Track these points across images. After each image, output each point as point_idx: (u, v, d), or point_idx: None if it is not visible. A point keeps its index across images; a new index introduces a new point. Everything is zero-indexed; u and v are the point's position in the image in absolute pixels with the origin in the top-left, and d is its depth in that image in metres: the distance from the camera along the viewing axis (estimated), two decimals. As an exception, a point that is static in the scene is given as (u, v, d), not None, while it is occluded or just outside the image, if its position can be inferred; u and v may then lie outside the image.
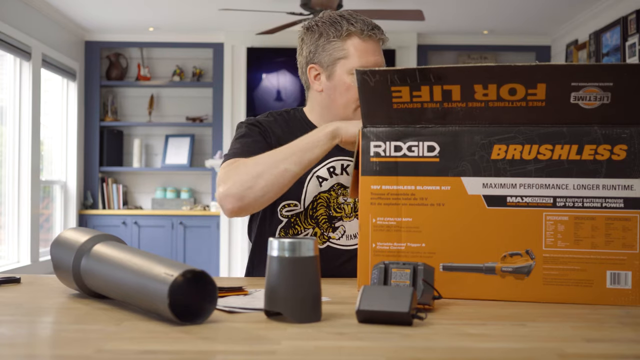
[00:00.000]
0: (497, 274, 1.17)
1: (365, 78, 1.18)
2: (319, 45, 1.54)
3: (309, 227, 1.55)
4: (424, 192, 1.20)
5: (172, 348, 0.84)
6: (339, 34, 1.51)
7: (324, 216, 1.54)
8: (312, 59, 1.56)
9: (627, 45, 4.64)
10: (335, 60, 1.52)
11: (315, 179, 1.55)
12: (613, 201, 1.15)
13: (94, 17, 5.66)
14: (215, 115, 6.20)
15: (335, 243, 1.55)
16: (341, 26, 1.51)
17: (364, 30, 1.51)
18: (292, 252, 0.98)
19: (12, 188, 4.95)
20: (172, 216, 6.04)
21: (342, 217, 1.55)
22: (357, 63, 1.50)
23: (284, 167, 1.37)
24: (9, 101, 4.92)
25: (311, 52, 1.56)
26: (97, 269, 1.09)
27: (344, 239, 1.55)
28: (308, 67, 1.57)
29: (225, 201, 1.39)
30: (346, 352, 0.83)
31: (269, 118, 1.60)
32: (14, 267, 4.85)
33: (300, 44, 1.60)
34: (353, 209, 1.55)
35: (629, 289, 1.14)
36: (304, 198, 1.54)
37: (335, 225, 1.55)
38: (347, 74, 1.51)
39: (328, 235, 1.55)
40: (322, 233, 1.54)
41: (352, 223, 1.55)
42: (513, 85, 1.14)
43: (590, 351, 0.84)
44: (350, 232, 1.55)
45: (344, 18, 1.52)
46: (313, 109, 1.62)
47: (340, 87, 1.53)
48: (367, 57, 1.51)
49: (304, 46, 1.58)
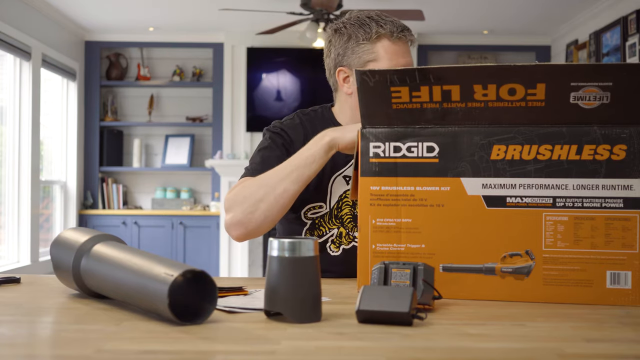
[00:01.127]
0: (497, 275, 1.17)
1: (364, 78, 1.18)
2: (348, 47, 1.52)
3: (334, 227, 1.54)
4: (423, 192, 1.20)
5: (172, 348, 0.84)
6: (368, 37, 1.49)
7: (349, 215, 1.53)
8: (341, 62, 1.54)
9: (627, 45, 4.64)
10: (365, 62, 1.50)
11: (342, 178, 1.54)
12: (613, 201, 1.15)
13: (94, 17, 5.66)
14: (215, 115, 6.20)
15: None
16: (370, 28, 1.49)
17: (393, 32, 1.49)
18: (292, 252, 0.98)
19: (12, 188, 4.95)
20: (172, 216, 6.04)
21: None
22: (387, 65, 1.48)
23: (283, 187, 1.38)
24: (9, 101, 4.92)
25: (340, 54, 1.54)
26: (97, 269, 1.09)
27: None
28: (337, 69, 1.55)
29: (230, 229, 1.41)
30: (346, 352, 0.83)
31: (295, 121, 1.59)
32: (14, 267, 4.85)
33: (327, 46, 1.58)
34: None
35: (629, 289, 1.14)
36: (329, 198, 1.54)
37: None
38: None
39: (353, 235, 1.53)
40: (347, 233, 1.53)
41: None
42: (512, 85, 1.14)
43: (590, 351, 0.84)
44: None
45: (372, 20, 1.50)
46: (342, 111, 1.59)
47: None
48: (397, 59, 1.49)
49: (332, 48, 1.56)
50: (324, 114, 1.60)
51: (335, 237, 1.53)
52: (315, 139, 1.39)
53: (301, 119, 1.59)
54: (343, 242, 1.53)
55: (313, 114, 1.60)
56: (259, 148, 1.55)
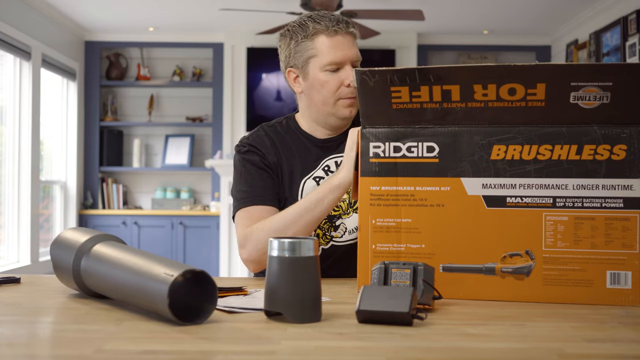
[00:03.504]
0: (497, 275, 1.17)
1: (364, 78, 1.18)
2: (291, 48, 1.59)
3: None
4: (423, 192, 1.20)
5: (172, 348, 0.84)
6: (306, 35, 1.56)
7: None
8: (289, 63, 1.61)
9: (627, 45, 4.64)
10: (307, 59, 1.57)
11: (312, 180, 1.58)
12: (613, 201, 1.15)
13: (94, 17, 5.66)
14: (215, 115, 6.20)
15: (339, 241, 1.57)
16: (308, 27, 1.56)
17: (329, 27, 1.55)
18: (292, 252, 0.98)
19: (12, 188, 4.94)
20: (172, 216, 6.03)
21: (341, 214, 1.57)
22: (326, 59, 1.54)
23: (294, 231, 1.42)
24: (9, 101, 4.92)
25: (287, 56, 1.61)
26: (97, 269, 1.09)
27: (347, 235, 1.57)
28: (287, 71, 1.62)
29: (247, 265, 1.50)
30: (346, 352, 0.83)
31: (260, 133, 1.63)
32: (14, 267, 4.84)
33: (279, 52, 1.66)
34: (349, 205, 1.58)
35: (629, 289, 1.14)
36: None
37: (336, 224, 1.57)
38: (320, 70, 1.55)
39: (331, 235, 1.57)
40: (324, 233, 1.56)
41: (351, 219, 1.57)
42: (512, 85, 1.14)
43: (591, 351, 0.84)
44: (350, 228, 1.57)
45: (310, 18, 1.58)
46: (302, 114, 1.66)
47: (315, 84, 1.56)
48: (335, 52, 1.54)
49: (281, 52, 1.64)
50: (288, 123, 1.66)
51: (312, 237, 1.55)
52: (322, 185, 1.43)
53: (265, 131, 1.64)
54: (321, 242, 1.57)
55: (277, 125, 1.66)
56: (239, 174, 1.59)
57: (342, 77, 1.54)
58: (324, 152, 1.59)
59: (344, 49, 1.55)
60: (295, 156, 1.58)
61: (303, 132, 1.63)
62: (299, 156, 1.59)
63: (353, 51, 1.56)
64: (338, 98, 1.55)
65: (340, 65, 1.54)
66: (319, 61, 1.55)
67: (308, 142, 1.61)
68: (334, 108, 1.56)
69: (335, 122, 1.58)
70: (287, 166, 1.58)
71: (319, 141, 1.61)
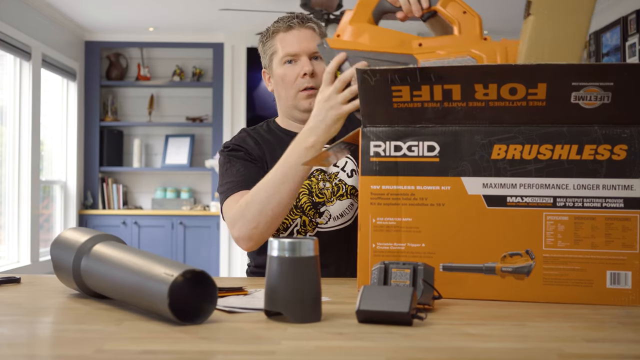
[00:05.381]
0: (497, 274, 1.17)
1: (365, 77, 1.18)
2: (260, 50, 1.71)
3: (296, 217, 1.59)
4: (423, 192, 1.20)
5: (172, 348, 0.84)
6: (268, 35, 1.67)
7: (308, 203, 1.59)
8: (263, 65, 1.72)
9: (627, 45, 4.64)
10: (271, 57, 1.66)
11: None
12: (613, 201, 1.15)
13: (94, 17, 5.66)
14: (215, 115, 6.20)
15: (324, 227, 1.59)
16: (270, 28, 1.67)
17: (285, 24, 1.63)
18: (292, 252, 0.98)
19: (12, 188, 4.94)
20: (172, 216, 6.04)
21: (325, 201, 1.60)
22: (282, 52, 1.61)
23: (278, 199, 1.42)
24: (9, 101, 4.92)
25: (261, 59, 1.71)
26: (97, 269, 1.09)
27: (331, 221, 1.60)
28: (262, 73, 1.73)
29: (239, 243, 1.50)
30: (346, 352, 0.83)
31: (242, 134, 1.69)
32: (14, 267, 4.85)
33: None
34: (333, 193, 1.61)
35: (629, 289, 1.14)
36: None
37: (320, 211, 1.60)
38: (279, 65, 1.63)
39: (316, 222, 1.60)
40: (310, 220, 1.59)
41: (335, 206, 1.60)
42: (514, 84, 1.14)
43: (590, 351, 0.84)
44: (335, 214, 1.60)
45: (274, 21, 1.67)
46: (279, 113, 1.73)
47: (278, 80, 1.63)
48: (289, 45, 1.61)
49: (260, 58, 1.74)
50: (268, 125, 1.72)
51: (299, 226, 1.59)
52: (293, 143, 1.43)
53: (247, 132, 1.70)
54: (308, 229, 1.60)
55: (258, 127, 1.73)
56: (224, 170, 1.61)
57: (299, 69, 1.59)
58: None
59: (299, 41, 1.61)
60: (276, 149, 1.61)
61: (282, 130, 1.69)
62: (280, 150, 1.61)
63: (310, 44, 1.61)
64: (297, 90, 1.60)
65: (296, 57, 1.60)
66: (278, 56, 1.62)
67: (287, 138, 1.63)
68: (294, 101, 1.62)
69: (300, 115, 1.63)
70: (270, 159, 1.61)
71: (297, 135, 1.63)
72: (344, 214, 1.59)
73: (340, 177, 1.61)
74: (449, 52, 1.31)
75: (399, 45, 1.35)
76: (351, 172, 1.62)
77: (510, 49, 1.30)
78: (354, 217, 1.59)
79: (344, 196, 1.60)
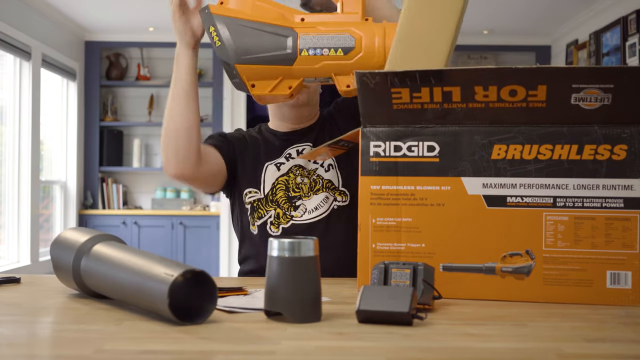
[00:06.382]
0: (497, 274, 1.17)
1: (364, 80, 1.18)
2: None
3: (271, 209, 1.63)
4: (423, 192, 1.20)
5: (172, 348, 0.84)
6: None
7: (284, 198, 1.63)
8: None
9: (627, 45, 4.64)
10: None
11: (273, 166, 1.66)
12: (613, 201, 1.15)
13: (94, 17, 5.66)
14: (215, 115, 6.20)
15: (299, 220, 1.62)
16: None
17: None
18: (292, 252, 0.98)
19: (12, 188, 4.94)
20: (172, 216, 6.03)
21: (301, 196, 1.63)
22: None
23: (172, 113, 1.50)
24: (9, 101, 4.92)
25: None
26: (97, 269, 1.09)
27: (306, 214, 1.63)
28: None
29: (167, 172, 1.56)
30: (346, 352, 0.83)
31: (232, 132, 1.76)
32: (14, 267, 4.84)
33: None
34: (310, 189, 1.63)
35: (629, 289, 1.14)
36: (262, 186, 1.65)
37: (296, 204, 1.63)
38: None
39: (291, 214, 1.62)
40: (284, 213, 1.62)
41: (311, 200, 1.63)
42: (514, 86, 1.14)
43: (590, 351, 0.84)
44: (310, 208, 1.63)
45: None
46: (270, 114, 1.76)
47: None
48: None
49: None
50: (260, 127, 1.77)
51: (273, 218, 1.62)
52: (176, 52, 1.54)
53: (237, 130, 1.77)
54: (282, 222, 1.62)
55: (250, 129, 1.78)
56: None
57: None
58: (287, 143, 1.68)
59: None
60: (260, 145, 1.68)
61: (271, 130, 1.73)
62: (264, 145, 1.69)
63: None
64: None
65: None
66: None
67: (273, 137, 1.70)
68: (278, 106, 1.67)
69: (288, 111, 1.66)
70: (252, 151, 1.67)
71: (283, 134, 1.70)
72: (319, 207, 1.62)
73: (319, 172, 1.64)
74: (329, 29, 1.35)
75: (280, 17, 1.38)
76: (328, 166, 1.64)
77: (388, 31, 1.33)
78: (329, 210, 1.61)
79: (320, 190, 1.62)
